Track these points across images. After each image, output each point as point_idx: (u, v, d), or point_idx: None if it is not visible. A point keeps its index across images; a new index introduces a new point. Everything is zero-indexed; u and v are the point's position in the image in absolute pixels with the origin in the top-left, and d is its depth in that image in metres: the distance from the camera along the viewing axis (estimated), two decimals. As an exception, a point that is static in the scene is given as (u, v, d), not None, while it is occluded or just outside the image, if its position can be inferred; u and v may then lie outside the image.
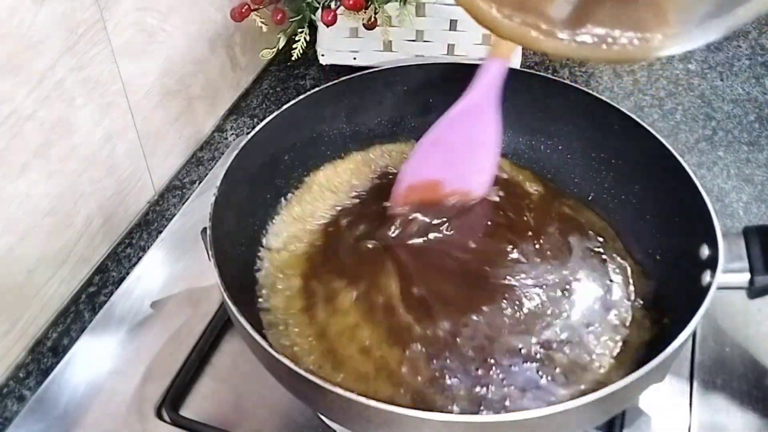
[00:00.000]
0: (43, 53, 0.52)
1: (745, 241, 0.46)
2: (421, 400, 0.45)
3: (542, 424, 0.38)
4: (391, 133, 0.64)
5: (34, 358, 0.57)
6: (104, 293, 0.61)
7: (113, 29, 0.58)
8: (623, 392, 0.39)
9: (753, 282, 0.45)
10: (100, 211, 0.62)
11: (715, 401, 0.51)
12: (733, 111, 0.78)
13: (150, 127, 0.66)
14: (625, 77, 0.83)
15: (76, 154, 0.58)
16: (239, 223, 0.54)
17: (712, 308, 0.43)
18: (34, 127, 0.52)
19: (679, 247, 0.50)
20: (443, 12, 0.78)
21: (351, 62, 0.83)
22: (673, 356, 0.41)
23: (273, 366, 0.42)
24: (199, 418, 0.51)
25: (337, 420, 0.46)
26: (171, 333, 0.56)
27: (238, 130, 0.78)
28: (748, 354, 0.54)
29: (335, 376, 0.47)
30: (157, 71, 0.66)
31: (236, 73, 0.80)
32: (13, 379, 0.55)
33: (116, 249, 0.65)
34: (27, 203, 0.54)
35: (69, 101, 0.55)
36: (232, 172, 0.52)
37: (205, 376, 0.54)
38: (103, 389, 0.53)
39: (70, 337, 0.58)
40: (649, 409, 0.51)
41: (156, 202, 0.70)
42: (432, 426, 0.38)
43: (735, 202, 0.67)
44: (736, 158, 0.72)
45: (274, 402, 0.51)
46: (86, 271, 0.62)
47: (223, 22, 0.74)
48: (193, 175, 0.72)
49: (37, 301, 0.57)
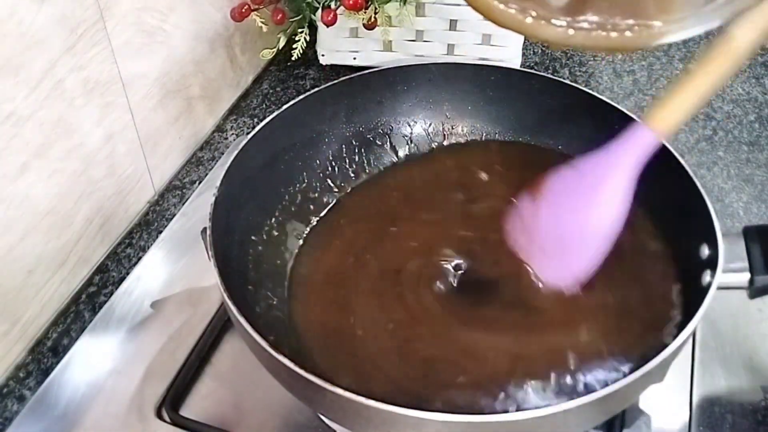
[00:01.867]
0: (43, 53, 0.52)
1: (745, 241, 0.46)
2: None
3: (542, 424, 0.38)
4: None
5: (34, 358, 0.57)
6: (104, 293, 0.61)
7: (113, 29, 0.58)
8: (623, 392, 0.39)
9: (753, 282, 0.45)
10: (100, 211, 0.62)
11: (715, 401, 0.51)
12: (733, 111, 0.78)
13: (150, 127, 0.66)
14: (625, 77, 0.83)
15: (76, 154, 0.58)
16: (239, 223, 0.54)
17: (712, 308, 0.43)
18: (34, 127, 0.52)
19: (678, 248, 0.50)
20: (443, 12, 0.78)
21: (351, 62, 0.83)
22: (673, 356, 0.41)
23: (273, 366, 0.42)
24: (199, 418, 0.51)
25: (336, 420, 0.46)
26: (171, 333, 0.56)
27: (238, 130, 0.78)
28: (748, 354, 0.54)
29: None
30: (157, 71, 0.66)
31: (236, 73, 0.80)
32: (13, 379, 0.55)
33: (116, 249, 0.65)
34: (27, 203, 0.54)
35: (69, 101, 0.55)
36: (232, 172, 0.51)
37: (205, 376, 0.54)
38: (103, 389, 0.53)
39: (70, 337, 0.58)
40: (648, 409, 0.51)
41: (156, 202, 0.69)
42: (432, 426, 0.38)
43: (735, 202, 0.67)
44: (736, 158, 0.72)
45: (274, 402, 0.51)
46: (86, 271, 0.62)
47: (223, 22, 0.74)
48: (193, 175, 0.72)
49: (37, 301, 0.57)
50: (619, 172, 0.45)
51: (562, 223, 0.47)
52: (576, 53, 0.87)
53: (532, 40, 0.52)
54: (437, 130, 0.64)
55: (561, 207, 0.47)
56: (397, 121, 0.63)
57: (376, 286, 0.53)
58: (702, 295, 0.43)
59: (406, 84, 0.62)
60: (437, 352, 0.48)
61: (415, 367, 0.47)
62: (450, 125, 0.64)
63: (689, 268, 0.47)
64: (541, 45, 0.88)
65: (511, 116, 0.56)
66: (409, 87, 0.62)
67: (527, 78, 0.60)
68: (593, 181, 0.46)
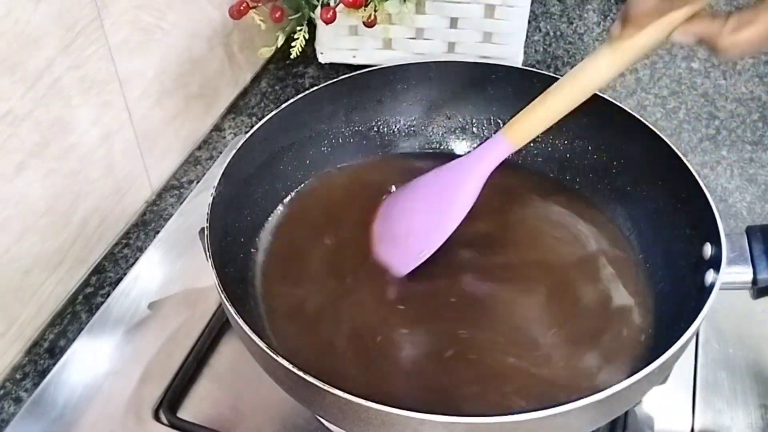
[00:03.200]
0: (40, 51, 0.51)
1: (748, 241, 0.46)
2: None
3: (543, 425, 0.38)
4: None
5: (31, 359, 0.56)
6: (101, 294, 0.61)
7: (110, 27, 0.58)
8: (625, 394, 0.39)
9: (756, 282, 0.45)
10: (97, 211, 0.62)
11: (718, 403, 0.51)
12: (736, 110, 0.77)
13: (147, 126, 0.66)
14: (628, 76, 0.83)
15: (73, 153, 0.57)
16: (237, 224, 0.53)
17: (715, 309, 0.42)
18: (31, 126, 0.52)
19: (682, 247, 0.50)
20: (444, 10, 0.77)
21: (350, 60, 0.82)
22: (675, 357, 0.41)
23: (271, 368, 0.42)
24: (197, 420, 0.51)
25: (335, 422, 0.46)
26: (168, 334, 0.56)
27: (237, 129, 0.77)
28: (751, 355, 0.54)
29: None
30: (154, 69, 0.65)
31: (234, 71, 0.79)
32: (9, 380, 0.55)
33: (113, 249, 0.64)
34: (23, 203, 0.53)
35: (65, 100, 0.55)
36: (231, 171, 0.51)
37: (203, 377, 0.53)
38: (100, 391, 0.53)
39: (67, 339, 0.57)
40: (651, 411, 0.50)
41: (153, 201, 0.69)
42: (431, 427, 0.37)
43: (738, 202, 0.67)
44: (739, 158, 0.71)
45: (273, 404, 0.51)
46: (83, 271, 0.62)
47: (221, 20, 0.73)
48: (191, 175, 0.72)
49: (34, 302, 0.57)
50: (473, 176, 0.52)
51: (414, 214, 0.54)
52: (577, 51, 0.87)
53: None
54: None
55: (417, 200, 0.54)
56: (397, 120, 0.63)
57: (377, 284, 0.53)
58: (705, 295, 0.43)
59: (406, 83, 0.62)
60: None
61: None
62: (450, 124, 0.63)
63: (692, 267, 0.47)
64: (543, 43, 0.88)
65: (512, 115, 0.56)
66: (409, 86, 0.62)
67: (529, 76, 0.60)
68: (451, 180, 0.53)
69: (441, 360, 0.48)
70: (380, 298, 0.52)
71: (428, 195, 0.54)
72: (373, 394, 0.37)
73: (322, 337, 0.50)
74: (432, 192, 0.54)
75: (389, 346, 0.49)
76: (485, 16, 0.78)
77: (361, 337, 0.49)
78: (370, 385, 0.46)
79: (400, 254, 0.53)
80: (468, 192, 0.52)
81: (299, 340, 0.50)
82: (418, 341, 0.49)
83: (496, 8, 0.77)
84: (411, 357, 0.48)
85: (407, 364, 0.48)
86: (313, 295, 0.52)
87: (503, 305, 0.51)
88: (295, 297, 0.52)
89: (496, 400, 0.45)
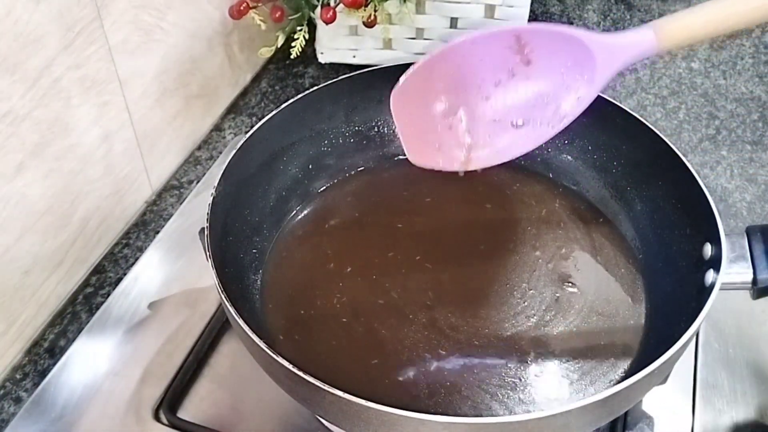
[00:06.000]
0: (40, 51, 0.51)
1: (748, 241, 0.46)
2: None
3: (543, 425, 0.38)
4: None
5: (31, 359, 0.56)
6: (101, 294, 0.61)
7: (110, 27, 0.58)
8: (625, 394, 0.39)
9: (756, 282, 0.45)
10: (97, 211, 0.62)
11: (718, 404, 0.51)
12: (736, 110, 0.77)
13: (147, 126, 0.66)
14: (628, 75, 0.83)
15: (73, 153, 0.57)
16: (237, 224, 0.53)
17: (715, 309, 0.42)
18: (30, 126, 0.52)
19: (682, 247, 0.50)
20: (444, 9, 0.77)
21: (350, 60, 0.82)
22: (676, 357, 0.41)
23: (271, 368, 0.42)
24: (197, 420, 0.51)
25: (335, 422, 0.46)
26: (168, 334, 0.56)
27: (237, 129, 0.77)
28: (751, 356, 0.54)
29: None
30: (154, 70, 0.65)
31: (234, 71, 0.79)
32: (9, 380, 0.55)
33: (113, 249, 0.64)
34: (23, 203, 0.53)
35: (65, 100, 0.55)
36: (231, 171, 0.51)
37: (203, 377, 0.53)
38: (100, 391, 0.53)
39: (67, 339, 0.57)
40: (651, 411, 0.50)
41: (153, 201, 0.69)
42: (431, 427, 0.37)
43: (738, 202, 0.67)
44: (739, 157, 0.71)
45: (273, 404, 0.51)
46: (83, 271, 0.62)
47: (221, 20, 0.73)
48: (191, 175, 0.72)
49: (34, 302, 0.57)
50: (607, 66, 0.41)
51: (527, 92, 0.42)
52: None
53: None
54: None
55: (533, 75, 0.41)
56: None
57: (377, 284, 0.53)
58: (705, 295, 0.43)
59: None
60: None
61: None
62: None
63: (692, 268, 0.47)
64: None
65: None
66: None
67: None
68: (580, 58, 0.41)
69: (440, 358, 0.48)
70: (381, 295, 0.52)
71: (546, 69, 0.42)
72: (373, 394, 0.37)
73: (322, 336, 0.50)
74: (550, 65, 0.42)
75: (390, 344, 0.49)
76: (485, 16, 0.78)
77: (361, 335, 0.49)
78: (370, 385, 0.46)
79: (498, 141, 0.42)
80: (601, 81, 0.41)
81: (299, 339, 0.50)
82: (419, 340, 0.49)
83: (496, 8, 0.77)
84: (411, 356, 0.48)
85: (407, 364, 0.48)
86: (313, 294, 0.52)
87: (502, 305, 0.51)
88: (295, 297, 0.52)
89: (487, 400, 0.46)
